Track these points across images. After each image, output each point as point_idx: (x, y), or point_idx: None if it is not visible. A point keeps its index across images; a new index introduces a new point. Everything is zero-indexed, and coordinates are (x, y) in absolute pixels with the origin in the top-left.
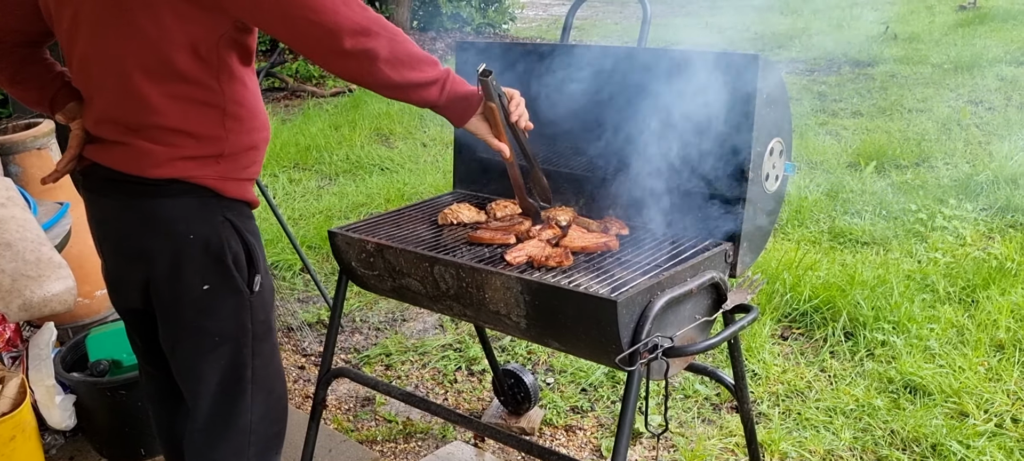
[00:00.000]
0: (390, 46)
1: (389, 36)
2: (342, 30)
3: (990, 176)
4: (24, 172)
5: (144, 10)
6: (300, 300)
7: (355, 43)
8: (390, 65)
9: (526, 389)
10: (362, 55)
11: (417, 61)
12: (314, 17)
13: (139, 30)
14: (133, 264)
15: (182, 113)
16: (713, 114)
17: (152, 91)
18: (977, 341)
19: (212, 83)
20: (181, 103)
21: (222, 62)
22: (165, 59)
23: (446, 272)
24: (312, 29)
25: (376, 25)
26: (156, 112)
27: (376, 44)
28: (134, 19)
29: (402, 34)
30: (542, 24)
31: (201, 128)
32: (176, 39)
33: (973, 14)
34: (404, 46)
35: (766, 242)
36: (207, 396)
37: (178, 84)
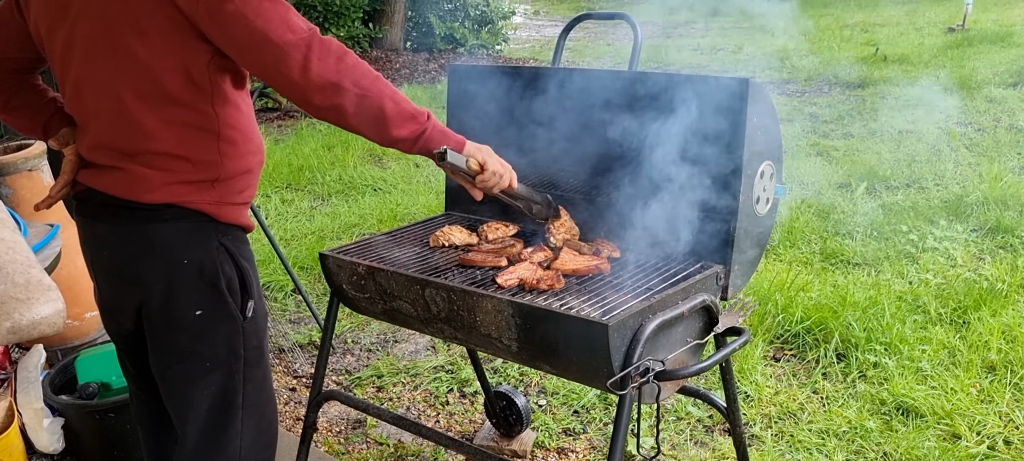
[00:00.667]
0: (358, 103)
1: (359, 92)
2: (310, 87)
3: (980, 197)
4: (15, 194)
5: (134, 36)
6: (291, 321)
7: (323, 99)
8: (359, 120)
9: (518, 411)
10: (330, 110)
11: (388, 119)
12: (285, 71)
13: (131, 55)
14: (127, 289)
15: (176, 138)
16: (704, 137)
17: (146, 116)
18: (969, 362)
19: (206, 107)
20: (175, 128)
21: (215, 86)
22: (157, 83)
23: (437, 295)
24: (283, 80)
25: (347, 80)
26: (150, 137)
27: (344, 101)
28: (125, 44)
29: (376, 87)
30: (535, 45)
31: (195, 152)
32: (167, 63)
33: (962, 36)
34: (375, 102)
35: (757, 265)
36: (197, 421)
37: (171, 108)
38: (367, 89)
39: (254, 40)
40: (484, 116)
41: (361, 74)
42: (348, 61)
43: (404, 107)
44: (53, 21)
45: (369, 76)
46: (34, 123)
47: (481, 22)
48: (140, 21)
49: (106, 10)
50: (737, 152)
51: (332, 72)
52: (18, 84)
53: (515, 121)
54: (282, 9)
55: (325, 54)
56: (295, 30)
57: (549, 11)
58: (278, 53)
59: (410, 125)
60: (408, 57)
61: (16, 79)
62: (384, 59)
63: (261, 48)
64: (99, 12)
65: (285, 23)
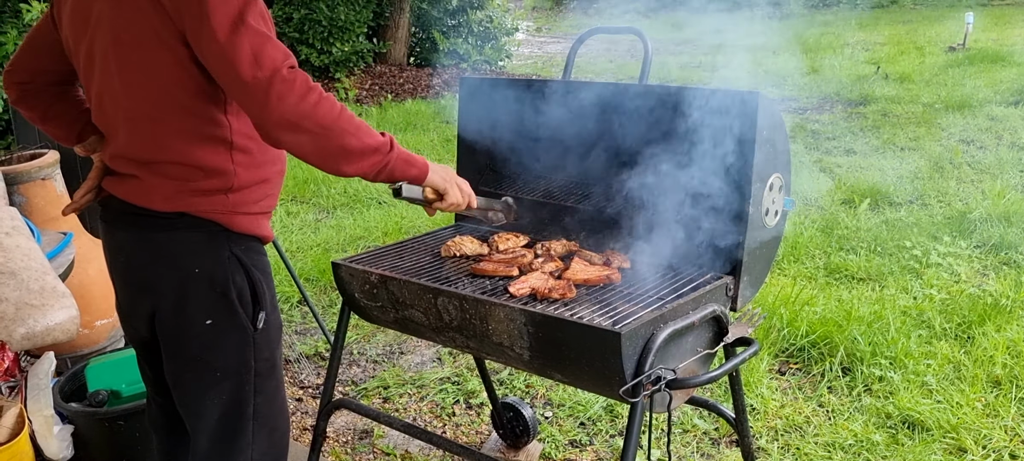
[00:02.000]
0: (317, 141)
1: (319, 131)
2: (270, 124)
3: (983, 214)
4: (28, 202)
5: (142, 48)
6: (298, 332)
7: (282, 136)
8: (319, 158)
9: (525, 422)
10: (290, 147)
11: (348, 154)
12: (248, 106)
13: (141, 67)
14: (141, 295)
15: (189, 147)
16: (714, 150)
17: (159, 126)
18: (974, 377)
19: (218, 116)
20: (188, 138)
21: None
22: (169, 94)
23: (449, 304)
24: (247, 113)
25: (307, 119)
26: (164, 147)
27: (302, 139)
28: (135, 56)
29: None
30: (537, 61)
31: (208, 162)
32: (176, 74)
33: (963, 55)
34: (336, 140)
35: (766, 276)
36: (207, 431)
37: (184, 118)
38: (328, 127)
39: (221, 67)
40: (495, 128)
41: (323, 113)
42: (310, 99)
43: (366, 142)
44: (78, 35)
45: (330, 114)
46: (70, 132)
47: (484, 38)
48: (143, 32)
49: (115, 24)
50: (747, 164)
51: (292, 111)
52: (57, 95)
53: (526, 133)
54: (256, 41)
55: (287, 93)
56: (262, 66)
57: (551, 28)
58: (241, 86)
59: (372, 158)
60: (411, 72)
61: (55, 90)
62: (388, 74)
63: (227, 77)
64: (110, 26)
65: (253, 58)
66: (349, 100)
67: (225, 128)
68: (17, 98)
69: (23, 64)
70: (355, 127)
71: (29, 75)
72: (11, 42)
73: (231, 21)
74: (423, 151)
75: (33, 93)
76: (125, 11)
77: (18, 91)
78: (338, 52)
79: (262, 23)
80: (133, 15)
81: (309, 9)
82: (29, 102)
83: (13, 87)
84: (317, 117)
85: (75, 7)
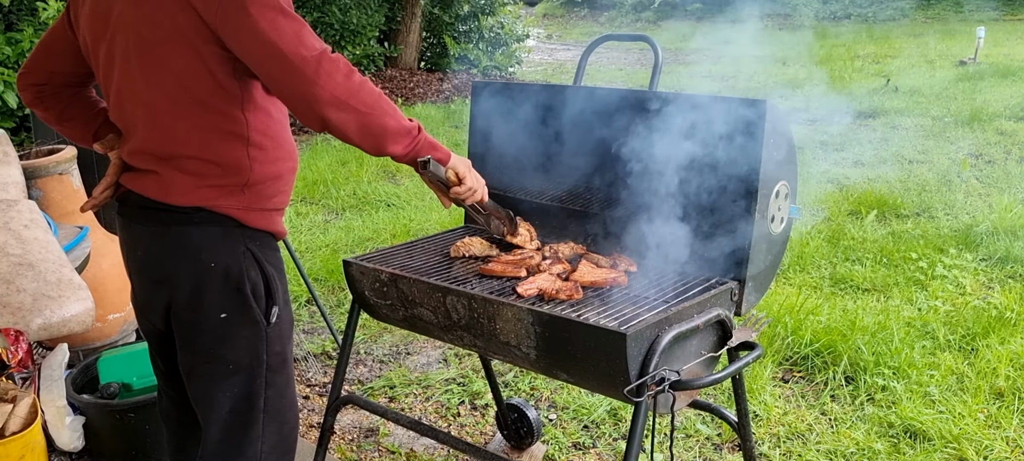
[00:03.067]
0: (362, 120)
1: (365, 110)
2: (320, 102)
3: (990, 227)
4: (45, 196)
5: (162, 44)
6: (305, 331)
7: (332, 114)
8: (362, 136)
9: (529, 424)
10: (337, 125)
11: (388, 134)
12: (295, 85)
13: (161, 63)
14: (157, 288)
15: (206, 143)
16: (722, 156)
17: (177, 122)
18: (977, 388)
19: (236, 113)
20: (205, 134)
21: (245, 92)
22: (187, 90)
23: (458, 303)
24: (293, 94)
25: (354, 98)
26: (181, 142)
27: (350, 117)
28: (155, 53)
29: (380, 105)
30: (548, 68)
31: (224, 157)
32: (195, 70)
33: (973, 70)
34: (379, 119)
35: (771, 282)
36: (218, 423)
37: (202, 114)
38: (372, 107)
39: (267, 52)
40: (506, 132)
41: (367, 92)
42: (355, 79)
43: (401, 123)
44: (97, 35)
45: (374, 94)
46: (85, 132)
47: (495, 44)
48: (166, 30)
49: (136, 22)
50: (754, 171)
51: (341, 89)
52: (73, 96)
53: (536, 137)
54: (297, 25)
55: (334, 71)
56: (308, 46)
57: (561, 35)
58: (289, 67)
59: (405, 139)
60: (422, 77)
61: (71, 92)
62: (398, 78)
63: (274, 61)
64: (131, 24)
65: (298, 38)
66: None
67: (241, 124)
68: (33, 100)
69: (39, 66)
70: (392, 108)
71: (46, 77)
72: (27, 39)
73: (271, 10)
74: None
75: (50, 94)
76: (147, 9)
77: (34, 93)
78: (349, 56)
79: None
80: (156, 13)
81: (321, 12)
82: (46, 104)
83: (29, 89)
84: (362, 96)
85: (94, 9)
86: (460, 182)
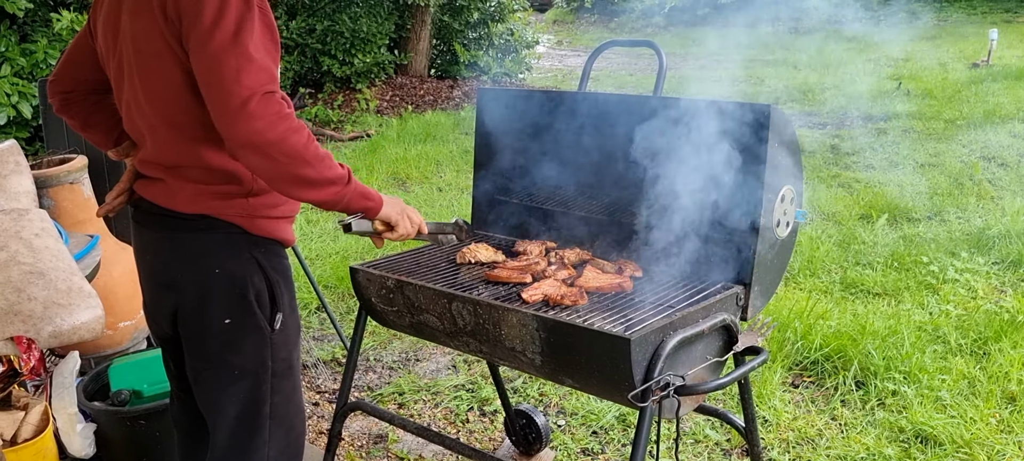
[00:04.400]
0: (275, 167)
1: (281, 158)
2: (234, 143)
3: (1002, 230)
4: (56, 205)
5: (158, 58)
6: (315, 338)
7: (244, 156)
8: (276, 183)
9: (538, 430)
10: (249, 166)
11: (303, 184)
12: (219, 120)
13: (159, 75)
14: (164, 293)
15: (209, 153)
16: (726, 161)
17: (178, 133)
18: (989, 393)
19: None
20: (207, 144)
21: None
22: (185, 102)
23: (464, 309)
24: (217, 123)
25: (271, 147)
26: (185, 153)
27: (262, 163)
28: (154, 67)
29: (301, 155)
30: (557, 74)
31: (227, 167)
32: (188, 82)
33: (986, 72)
34: (294, 169)
35: (776, 286)
36: (225, 428)
37: (200, 124)
38: (290, 158)
39: (205, 79)
40: (511, 138)
41: (289, 143)
42: (278, 129)
43: (323, 174)
44: (109, 46)
45: (296, 146)
46: (107, 138)
47: (505, 51)
48: (157, 45)
49: (134, 36)
50: (759, 176)
51: (258, 136)
52: (96, 103)
53: (542, 143)
54: (242, 58)
55: (256, 117)
56: (241, 84)
57: (572, 41)
58: (216, 101)
59: (328, 189)
60: (432, 84)
61: (95, 99)
62: (408, 85)
63: (207, 89)
64: (132, 39)
65: (235, 73)
66: (370, 111)
67: None
68: (61, 107)
69: (66, 74)
70: (317, 158)
71: (72, 85)
72: (41, 50)
73: (222, 34)
74: (442, 162)
75: (76, 102)
76: (141, 23)
77: (61, 100)
78: (360, 63)
79: (254, 43)
80: (148, 27)
81: (332, 21)
82: (72, 111)
83: (57, 96)
84: (281, 146)
85: (106, 20)
86: (391, 229)
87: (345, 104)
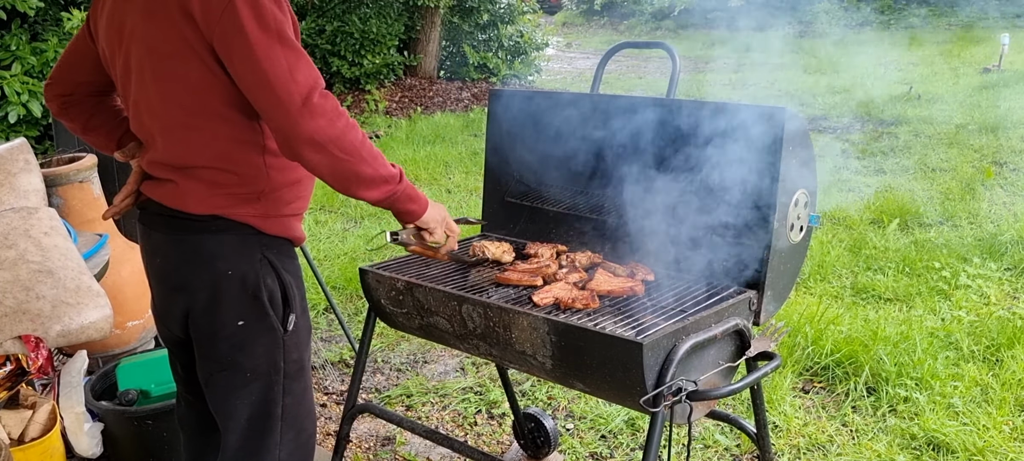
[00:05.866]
0: (335, 165)
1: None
2: (297, 141)
3: (1015, 236)
4: (65, 203)
5: (173, 58)
6: (323, 339)
7: (307, 154)
8: (334, 179)
9: (546, 433)
10: (311, 164)
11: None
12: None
13: (174, 76)
14: (175, 295)
15: (222, 152)
16: (740, 164)
17: (192, 135)
18: (1002, 400)
19: (251, 122)
20: (221, 143)
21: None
22: (202, 101)
23: (474, 311)
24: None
25: (331, 143)
26: (198, 154)
27: (323, 160)
28: (167, 66)
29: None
30: (567, 77)
31: (241, 166)
32: (210, 83)
33: (997, 76)
34: (353, 167)
35: (789, 291)
36: (237, 430)
37: (217, 124)
38: (349, 153)
39: (256, 79)
40: (522, 140)
41: (348, 139)
42: (338, 125)
43: (378, 172)
44: (113, 47)
45: (354, 142)
46: (109, 141)
47: (514, 53)
48: (175, 44)
49: (147, 36)
50: (773, 179)
51: (321, 132)
52: (96, 105)
53: (553, 145)
54: (292, 56)
55: (319, 113)
56: (297, 82)
57: (582, 44)
58: (275, 99)
59: (382, 188)
60: (442, 85)
61: (95, 101)
62: (418, 87)
63: (261, 89)
64: (143, 37)
65: (289, 72)
66: (379, 112)
67: (258, 132)
68: (59, 110)
69: (64, 77)
70: (372, 156)
71: (70, 87)
72: (52, 49)
73: (268, 35)
74: (451, 164)
75: (75, 104)
76: (158, 23)
77: (60, 103)
78: (369, 64)
79: (295, 38)
80: (166, 27)
81: (342, 22)
82: (71, 114)
83: (55, 100)
84: (342, 142)
85: (110, 20)
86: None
87: (354, 105)
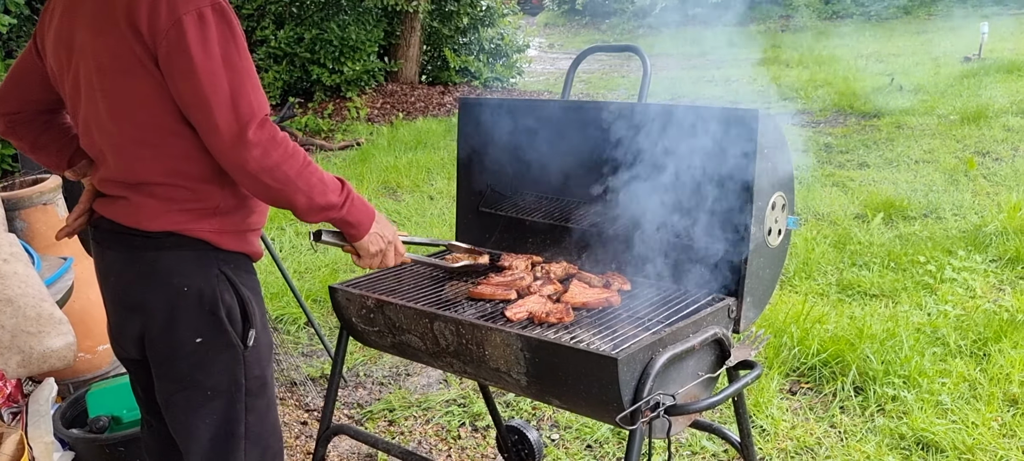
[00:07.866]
0: (271, 192)
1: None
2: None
3: (999, 227)
4: (29, 227)
5: (124, 75)
6: (304, 354)
7: (243, 181)
8: (274, 203)
9: (530, 446)
10: (244, 188)
11: (300, 210)
12: (215, 144)
13: (125, 93)
14: (131, 315)
15: (175, 168)
16: (714, 169)
17: (145, 149)
18: (990, 396)
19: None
20: (174, 159)
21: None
22: (154, 117)
23: (446, 328)
24: (213, 150)
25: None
26: (150, 170)
27: (259, 190)
28: (117, 83)
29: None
30: (549, 78)
31: (195, 182)
32: (160, 98)
33: (978, 66)
34: (289, 194)
35: (770, 296)
36: (199, 452)
37: (170, 140)
38: (282, 184)
39: (195, 101)
40: (493, 148)
41: (282, 171)
42: (273, 156)
43: (314, 201)
44: (62, 64)
45: (289, 173)
46: (60, 159)
47: (495, 55)
48: (125, 61)
49: (96, 52)
50: (748, 183)
51: (255, 164)
52: (46, 124)
53: (526, 152)
54: (236, 81)
55: (253, 145)
56: (238, 111)
57: (564, 44)
58: (211, 125)
59: (318, 215)
60: (423, 90)
61: (44, 119)
62: (399, 93)
63: (199, 112)
64: (92, 53)
65: (231, 99)
66: (360, 119)
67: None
68: (7, 129)
69: (10, 95)
70: (309, 186)
71: (18, 106)
72: None
73: (211, 58)
74: (434, 170)
75: (23, 123)
76: (106, 39)
77: (7, 122)
78: (349, 71)
79: (241, 60)
80: (115, 43)
81: (321, 29)
82: (19, 132)
83: (2, 119)
84: (275, 173)
85: (58, 37)
86: (360, 258)
87: (335, 113)
